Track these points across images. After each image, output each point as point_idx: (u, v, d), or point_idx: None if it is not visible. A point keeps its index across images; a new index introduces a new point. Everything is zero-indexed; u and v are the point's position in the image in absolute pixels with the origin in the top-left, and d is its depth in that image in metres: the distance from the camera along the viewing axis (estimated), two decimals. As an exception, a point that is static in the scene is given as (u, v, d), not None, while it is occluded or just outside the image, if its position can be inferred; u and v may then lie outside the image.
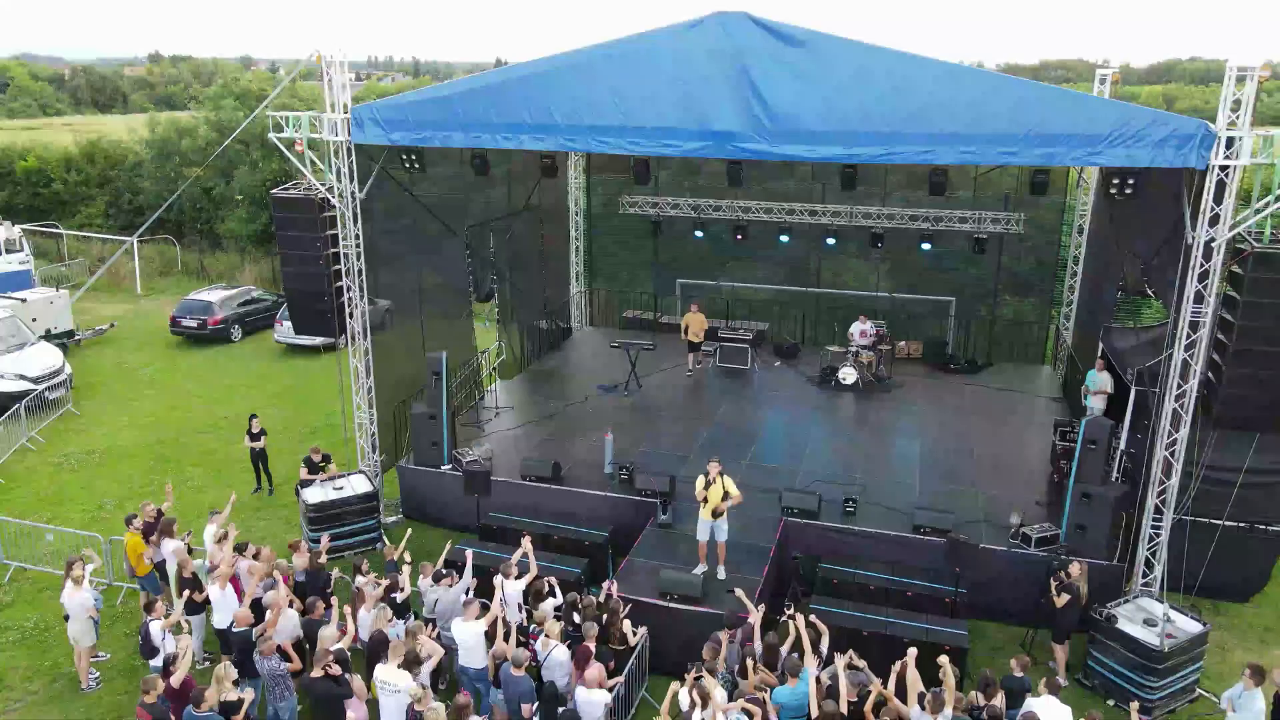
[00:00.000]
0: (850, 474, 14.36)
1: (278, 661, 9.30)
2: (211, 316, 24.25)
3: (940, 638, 10.77)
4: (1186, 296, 10.56)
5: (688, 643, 10.25)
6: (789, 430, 16.37)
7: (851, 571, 12.15)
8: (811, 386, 18.65)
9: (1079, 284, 19.00)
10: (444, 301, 17.22)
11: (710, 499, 11.36)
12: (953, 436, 15.99)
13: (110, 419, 19.19)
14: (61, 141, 38.55)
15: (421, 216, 15.68)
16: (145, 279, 30.70)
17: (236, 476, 16.34)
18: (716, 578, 11.67)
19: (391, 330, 15.48)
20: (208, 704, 8.41)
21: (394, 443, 15.26)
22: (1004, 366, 20.03)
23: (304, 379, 21.40)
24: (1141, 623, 10.80)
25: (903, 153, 11.12)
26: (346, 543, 13.75)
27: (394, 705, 9.06)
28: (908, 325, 21.36)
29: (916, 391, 18.34)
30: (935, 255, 21.14)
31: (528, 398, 17.92)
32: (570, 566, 12.17)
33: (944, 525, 12.36)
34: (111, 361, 22.86)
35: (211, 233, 34.09)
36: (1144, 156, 10.22)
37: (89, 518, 14.86)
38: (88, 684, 10.85)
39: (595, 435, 15.29)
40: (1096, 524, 11.74)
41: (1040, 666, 11.34)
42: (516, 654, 9.11)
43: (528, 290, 19.98)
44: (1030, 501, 13.42)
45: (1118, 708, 10.72)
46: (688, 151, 11.92)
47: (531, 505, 13.80)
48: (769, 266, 24.24)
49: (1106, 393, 14.46)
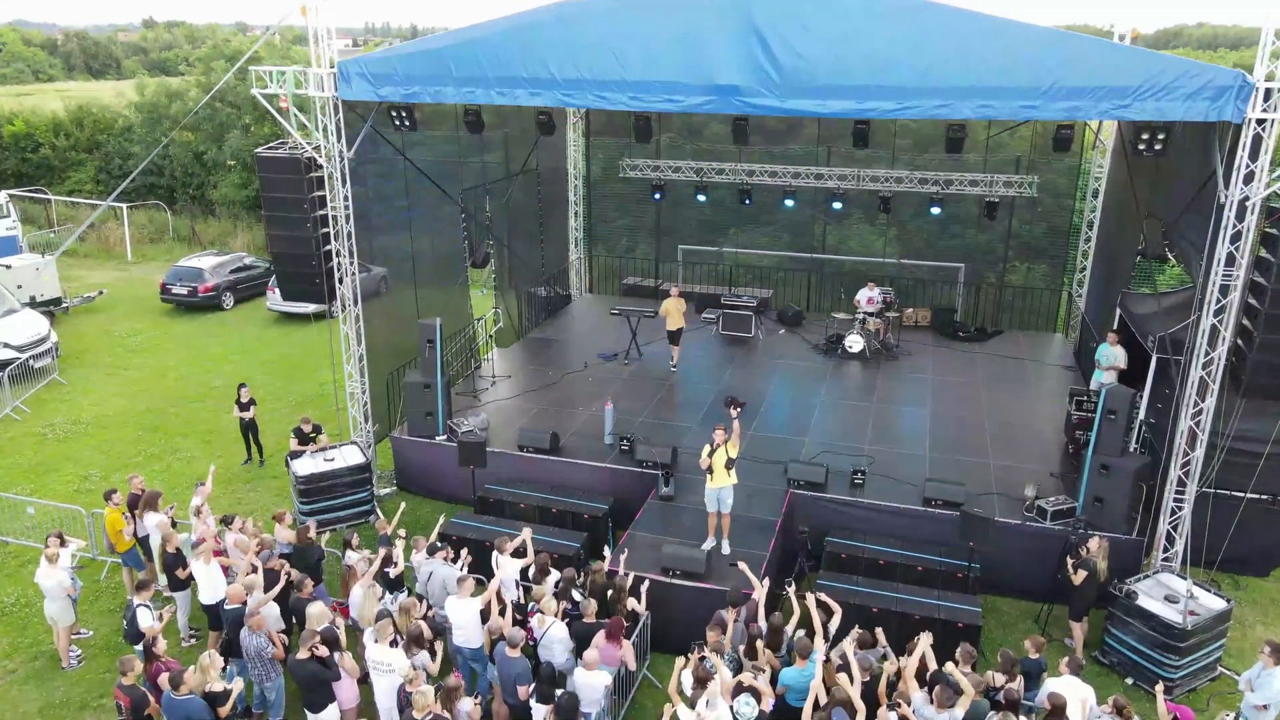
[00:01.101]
0: (858, 445, 13.91)
1: (265, 639, 8.89)
2: (202, 284, 23.70)
3: (953, 614, 10.39)
4: (1217, 259, 10.02)
5: (691, 620, 9.88)
6: (794, 400, 15.89)
7: (860, 546, 11.75)
8: (817, 355, 18.16)
9: (1093, 249, 18.43)
10: (439, 267, 16.68)
11: (715, 467, 10.93)
12: (963, 406, 15.52)
13: (98, 388, 18.73)
14: (52, 107, 37.76)
15: (415, 180, 15.10)
16: (136, 245, 30.12)
17: (227, 447, 15.91)
18: (722, 552, 11.30)
19: (384, 297, 14.99)
20: (187, 686, 8.01)
21: (387, 413, 14.80)
22: (1014, 334, 19.53)
23: (297, 347, 20.90)
24: (1162, 599, 10.39)
25: (917, 107, 10.52)
26: (338, 515, 13.33)
27: (387, 685, 8.69)
28: (915, 292, 20.87)
29: (925, 360, 17.85)
30: (943, 221, 20.61)
31: (525, 366, 17.44)
32: (569, 540, 11.76)
33: (955, 498, 11.92)
34: (100, 329, 22.36)
35: (204, 198, 33.48)
36: (1176, 110, 9.64)
37: (74, 490, 14.44)
38: (68, 662, 10.47)
39: (595, 405, 14.85)
40: (1115, 497, 11.31)
41: (1056, 644, 10.98)
42: (512, 634, 8.69)
43: (525, 256, 19.42)
44: (1044, 473, 12.98)
45: (1137, 686, 10.36)
46: (691, 107, 11.33)
47: (529, 477, 13.38)
48: (773, 232, 23.70)
49: (1119, 369, 13.80)
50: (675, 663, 8.41)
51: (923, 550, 11.62)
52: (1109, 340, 14.15)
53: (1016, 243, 20.97)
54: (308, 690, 8.61)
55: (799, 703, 8.63)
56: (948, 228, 21.75)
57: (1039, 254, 21.26)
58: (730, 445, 10.95)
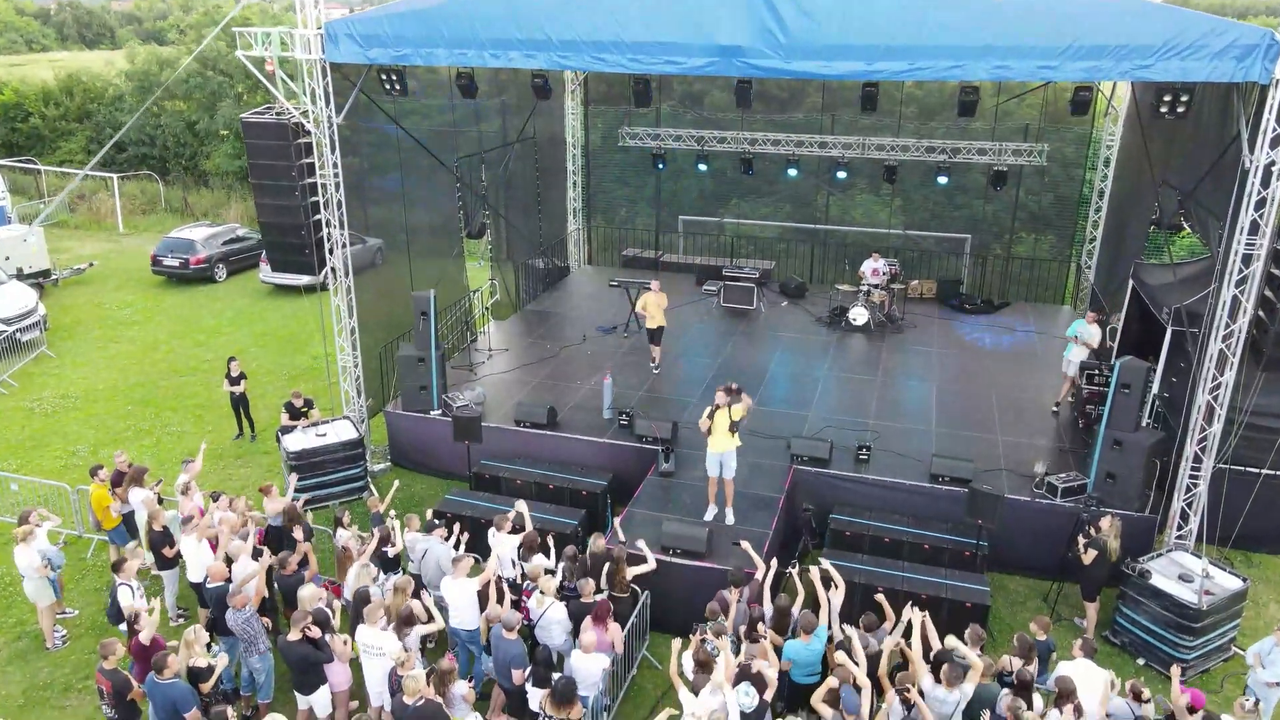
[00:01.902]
0: (862, 420, 13.59)
1: (249, 614, 8.60)
2: (194, 255, 23.24)
3: (960, 593, 10.13)
4: (1240, 227, 9.63)
5: (691, 599, 9.60)
6: (797, 374, 15.54)
7: (865, 523, 11.45)
8: (820, 327, 17.79)
9: (1103, 219, 18.00)
10: (434, 238, 16.29)
11: (716, 428, 10.61)
12: (969, 380, 15.18)
13: (87, 361, 18.38)
14: (43, 76, 37.06)
15: (410, 150, 14.66)
16: (127, 217, 29.62)
17: (218, 421, 15.59)
18: (725, 521, 11.03)
19: (379, 269, 14.62)
20: (171, 670, 7.72)
21: (381, 387, 14.46)
22: (1021, 306, 19.16)
23: (290, 320, 20.50)
24: (1176, 578, 10.11)
25: (929, 68, 10.07)
26: (331, 492, 13.04)
27: (378, 668, 8.41)
28: (921, 263, 20.48)
29: (930, 333, 17.49)
30: (949, 191, 20.23)
31: (522, 339, 17.08)
32: (567, 517, 11.46)
33: (963, 474, 11.62)
34: (90, 302, 21.94)
35: (196, 169, 32.94)
36: (1200, 70, 9.21)
37: (61, 465, 14.13)
38: (53, 642, 10.21)
39: (593, 378, 14.51)
40: (1128, 473, 10.98)
41: (1065, 623, 10.73)
42: (508, 617, 8.40)
43: (522, 227, 19.00)
44: (1054, 449, 12.68)
45: (1148, 667, 10.11)
46: (692, 69, 10.86)
47: (526, 452, 13.06)
48: (775, 202, 23.29)
49: (1091, 347, 13.36)
50: (673, 644, 8.14)
51: (929, 528, 11.32)
52: (1087, 318, 13.64)
53: (1024, 213, 20.59)
54: (299, 672, 8.35)
55: (804, 679, 8.40)
56: (953, 198, 21.36)
57: (1046, 225, 20.86)
58: (735, 409, 10.63)
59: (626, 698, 9.58)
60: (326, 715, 8.45)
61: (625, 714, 9.42)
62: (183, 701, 7.65)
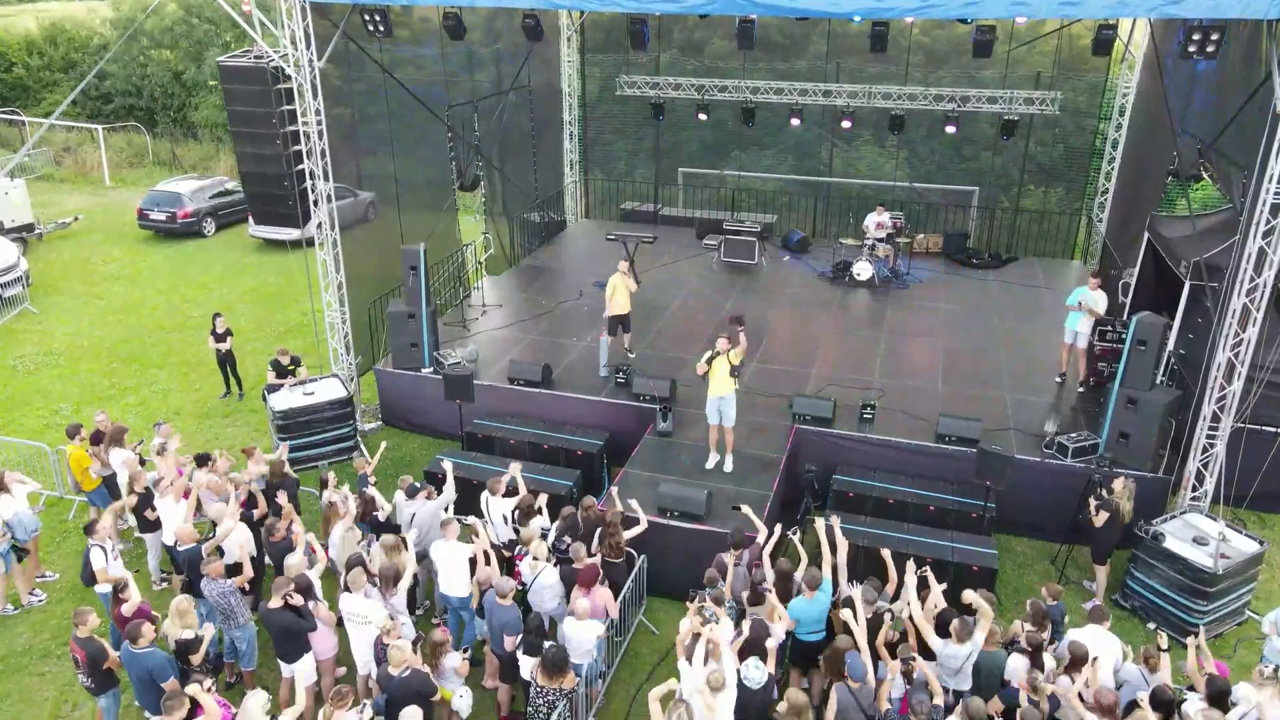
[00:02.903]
0: (866, 378, 13.18)
1: (227, 583, 8.27)
2: (181, 209, 22.64)
3: (966, 556, 9.81)
4: (1270, 175, 9.12)
5: (689, 563, 9.28)
6: (799, 331, 15.11)
7: (868, 484, 11.11)
8: (823, 283, 17.32)
9: (1116, 170, 17.44)
10: (425, 191, 15.75)
11: (715, 373, 10.34)
12: (976, 337, 14.76)
13: (71, 318, 17.92)
14: (27, 26, 36.04)
15: (401, 99, 14.09)
16: (114, 169, 28.94)
17: (205, 379, 15.21)
18: (724, 469, 10.77)
19: (370, 223, 14.15)
20: (146, 639, 7.41)
21: (370, 344, 14.04)
22: (1030, 261, 18.68)
23: (280, 276, 19.98)
24: (1191, 541, 9.78)
25: (942, 6, 9.48)
26: (320, 452, 12.69)
27: (364, 637, 8.11)
28: (927, 217, 19.96)
29: (936, 288, 17.03)
30: (956, 142, 19.69)
31: (517, 295, 16.62)
32: (561, 478, 11.11)
33: (970, 434, 11.24)
34: (75, 257, 21.42)
35: (184, 120, 32.13)
36: (1233, 6, 8.62)
37: (43, 424, 13.76)
38: (2, 607, 9.91)
39: (590, 335, 14.09)
40: (1142, 433, 10.61)
41: (1073, 587, 10.44)
42: (501, 583, 8.07)
43: (518, 179, 18.43)
44: (1064, 407, 12.30)
45: (1159, 632, 9.79)
46: (692, 7, 10.29)
47: (520, 411, 12.69)
48: (777, 155, 22.69)
49: (1097, 315, 12.42)
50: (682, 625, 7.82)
51: (935, 489, 10.99)
52: (1090, 284, 12.64)
53: (1033, 165, 20.02)
54: (281, 640, 8.03)
55: (808, 636, 8.11)
56: (960, 150, 20.80)
57: (1056, 177, 20.31)
58: (734, 354, 10.31)
59: (623, 663, 9.31)
60: (311, 684, 8.15)
61: (621, 680, 9.15)
62: (159, 670, 7.35)
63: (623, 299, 13.27)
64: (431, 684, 7.34)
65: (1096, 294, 12.55)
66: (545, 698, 7.57)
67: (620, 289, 13.26)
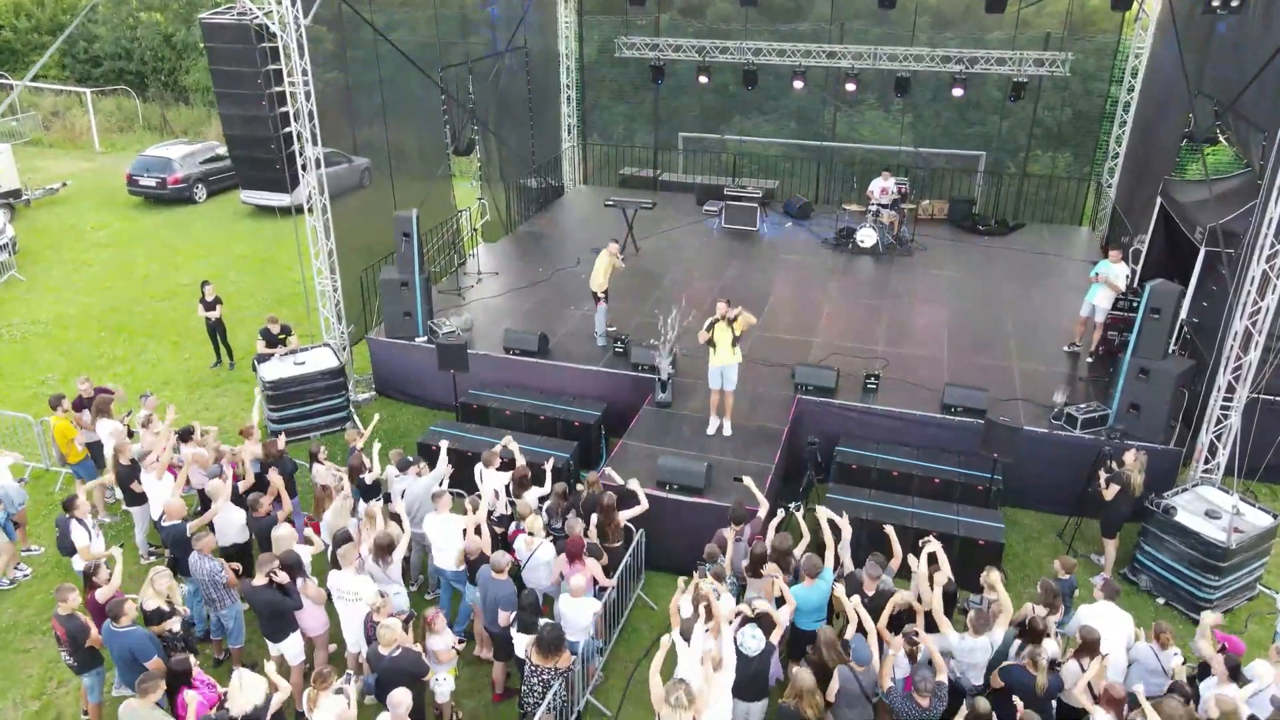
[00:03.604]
0: (870, 347, 12.88)
1: (217, 564, 8.04)
2: (171, 174, 22.20)
3: (972, 530, 9.59)
4: (1294, 136, 8.78)
5: (689, 538, 9.05)
6: (802, 299, 14.78)
7: (872, 455, 10.86)
8: (826, 249, 16.96)
9: (1127, 134, 17.01)
10: (419, 155, 15.34)
11: (718, 342, 10.16)
12: (983, 305, 14.44)
13: (59, 286, 17.59)
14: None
15: (394, 62, 13.67)
16: (104, 134, 28.41)
17: (195, 348, 14.93)
18: (724, 433, 10.64)
19: (366, 189, 13.81)
20: (128, 617, 7.19)
21: (363, 312, 13.72)
22: (1037, 228, 18.31)
23: (273, 243, 19.60)
24: (1203, 514, 9.55)
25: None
26: (313, 423, 12.44)
27: (354, 614, 7.89)
28: (932, 182, 19.55)
29: (942, 255, 16.67)
30: (962, 106, 19.27)
31: (513, 262, 16.27)
32: (558, 450, 10.84)
33: (977, 404, 10.98)
34: (63, 223, 21.02)
35: (175, 84, 31.54)
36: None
37: (30, 395, 13.48)
38: (12, 577, 9.71)
39: (587, 304, 13.75)
40: (1154, 403, 10.32)
41: (1081, 560, 10.21)
42: (496, 558, 7.83)
43: (514, 144, 18.00)
44: (1073, 377, 12.02)
45: (1169, 606, 9.62)
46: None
47: (516, 381, 12.41)
48: (779, 119, 22.23)
49: (1117, 289, 12.03)
50: (679, 582, 7.62)
51: (940, 461, 10.74)
52: (1112, 256, 12.20)
53: (1040, 129, 19.56)
54: (266, 619, 7.81)
55: (810, 624, 7.88)
56: (966, 114, 20.34)
57: (1063, 142, 19.87)
58: (737, 323, 10.12)
59: (621, 639, 9.11)
60: (300, 663, 7.94)
61: (619, 656, 8.96)
62: (141, 650, 7.14)
63: (598, 276, 12.46)
64: (423, 663, 7.14)
65: (1118, 266, 12.11)
66: (540, 676, 7.37)
67: (599, 266, 12.47)
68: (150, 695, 6.39)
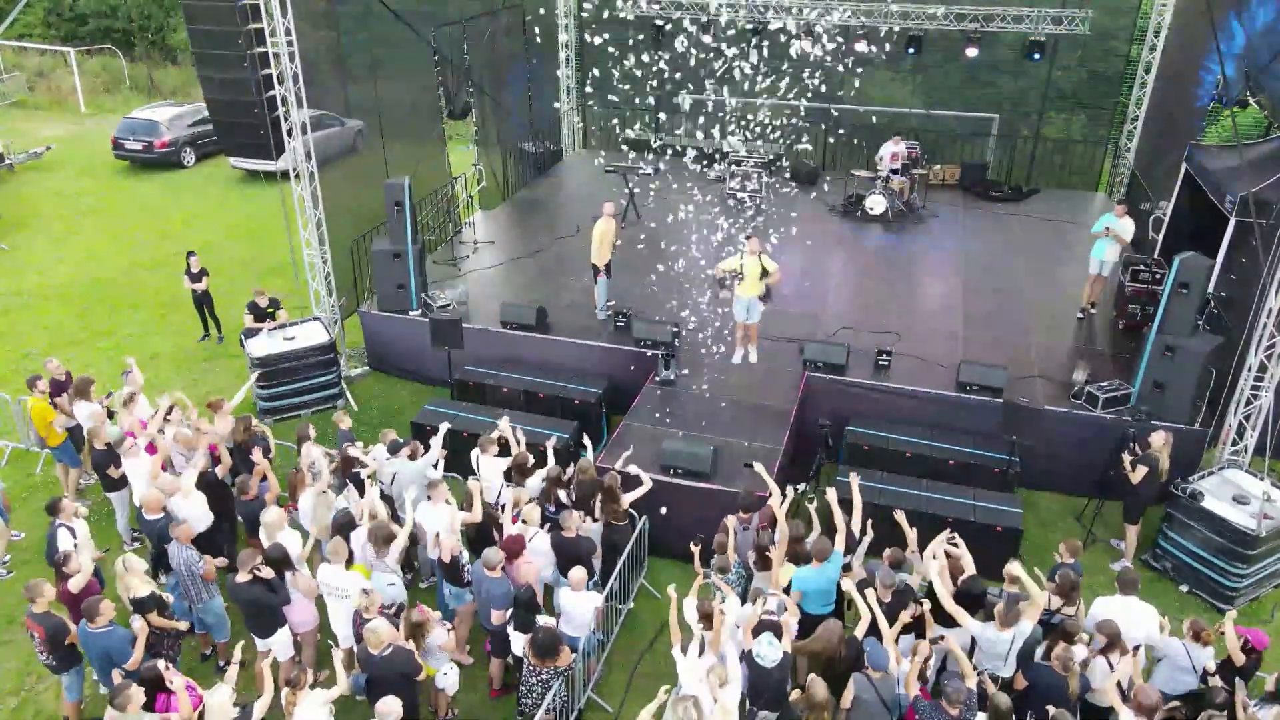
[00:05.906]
0: (882, 321, 12.39)
1: (194, 555, 7.64)
2: (158, 138, 21.54)
3: (989, 515, 9.22)
4: (1342, 100, 8.23)
5: (694, 524, 8.62)
6: (809, 270, 14.25)
7: (884, 436, 10.44)
8: (834, 217, 16.42)
9: (1148, 97, 16.37)
10: (411, 119, 14.73)
11: (748, 275, 10.52)
12: (998, 276, 13.94)
13: (42, 255, 17.05)
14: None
15: (384, 20, 13.03)
16: (89, 96, 27.63)
17: (183, 321, 14.44)
18: (749, 360, 10.89)
19: (359, 154, 13.27)
20: (105, 617, 6.82)
21: (355, 285, 13.23)
22: (1052, 193, 17.73)
23: (264, 210, 18.96)
24: (1230, 499, 9.15)
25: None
26: (303, 400, 12.02)
27: (342, 610, 7.52)
28: (943, 147, 18.90)
29: (954, 223, 16.15)
30: (974, 67, 18.54)
31: (511, 231, 15.74)
32: (558, 430, 10.40)
33: (994, 382, 10.54)
34: (47, 189, 20.38)
35: (163, 44, 30.67)
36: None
37: (11, 370, 13.04)
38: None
39: (587, 275, 13.24)
40: (1180, 382, 9.89)
41: (1100, 545, 9.86)
42: (488, 554, 7.43)
43: (511, 107, 17.36)
44: (1093, 353, 11.57)
45: (1193, 594, 9.26)
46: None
47: (513, 357, 11.95)
48: (785, 80, 21.47)
49: (1124, 242, 11.96)
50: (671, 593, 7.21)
51: (956, 441, 10.33)
52: (1116, 210, 12.15)
53: (1055, 91, 18.86)
54: (251, 616, 7.44)
55: (818, 609, 7.51)
56: (978, 75, 19.61)
57: (1079, 104, 19.16)
58: (767, 260, 10.55)
59: (623, 629, 8.76)
60: (289, 658, 7.59)
61: (621, 647, 8.62)
62: (118, 651, 6.78)
63: (598, 248, 11.91)
64: (415, 662, 6.76)
65: (1124, 220, 11.92)
66: (539, 676, 7.03)
67: (598, 237, 11.90)
68: (127, 710, 6.01)
